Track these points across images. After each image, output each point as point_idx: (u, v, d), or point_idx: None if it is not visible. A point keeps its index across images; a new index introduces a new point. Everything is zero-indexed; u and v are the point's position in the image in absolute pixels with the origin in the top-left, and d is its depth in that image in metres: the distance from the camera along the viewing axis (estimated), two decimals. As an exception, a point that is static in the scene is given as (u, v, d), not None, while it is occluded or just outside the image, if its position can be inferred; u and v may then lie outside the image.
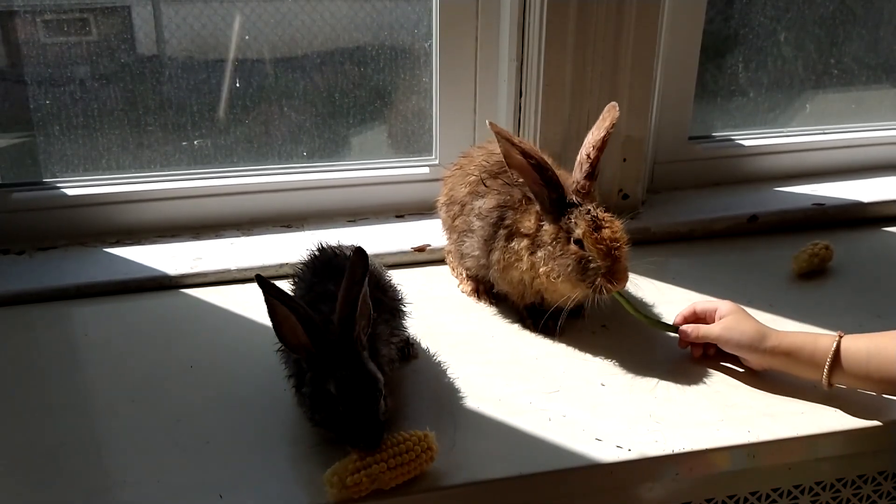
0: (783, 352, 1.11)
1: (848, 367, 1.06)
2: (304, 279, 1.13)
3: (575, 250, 1.17)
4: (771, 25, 1.84)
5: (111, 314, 1.34)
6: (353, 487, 0.92)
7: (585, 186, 1.21)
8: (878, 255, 1.59)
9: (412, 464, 0.94)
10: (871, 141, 1.91)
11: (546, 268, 1.20)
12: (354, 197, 1.65)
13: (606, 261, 1.16)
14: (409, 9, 1.60)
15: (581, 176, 1.21)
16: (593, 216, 1.17)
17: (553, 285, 1.21)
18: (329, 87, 1.63)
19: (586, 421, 1.08)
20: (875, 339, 1.07)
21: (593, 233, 1.16)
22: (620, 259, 1.17)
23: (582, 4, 1.44)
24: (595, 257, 1.16)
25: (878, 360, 1.05)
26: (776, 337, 1.12)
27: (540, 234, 1.21)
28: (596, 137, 1.22)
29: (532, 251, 1.22)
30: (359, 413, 0.93)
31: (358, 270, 0.96)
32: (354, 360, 0.95)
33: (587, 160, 1.21)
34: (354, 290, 0.95)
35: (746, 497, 1.12)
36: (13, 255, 1.48)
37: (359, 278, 0.95)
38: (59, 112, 1.52)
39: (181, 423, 1.07)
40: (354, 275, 0.96)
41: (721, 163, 1.81)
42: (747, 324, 1.15)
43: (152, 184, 1.56)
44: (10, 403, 1.12)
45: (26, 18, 1.46)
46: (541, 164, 1.18)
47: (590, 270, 1.17)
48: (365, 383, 0.94)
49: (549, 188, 1.19)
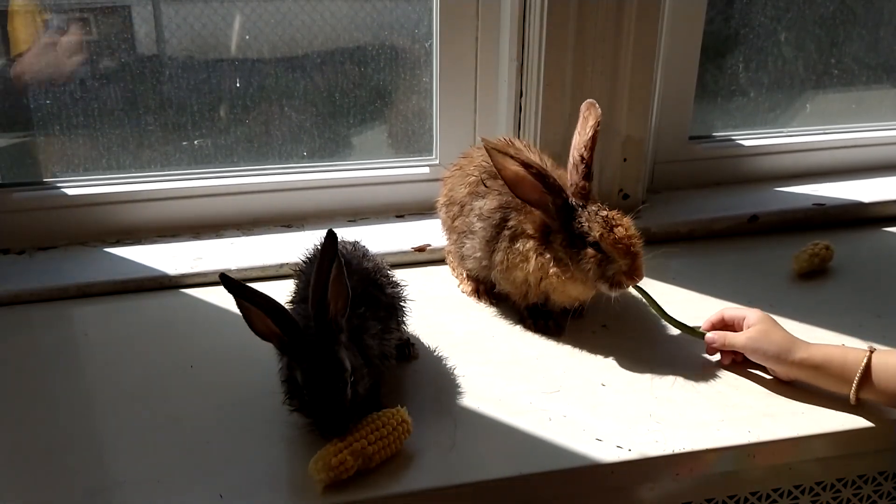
0: (812, 365, 1.09)
1: (878, 382, 1.05)
2: (305, 273, 1.14)
3: (593, 254, 1.17)
4: (771, 25, 1.84)
5: (111, 314, 1.34)
6: (340, 467, 0.94)
7: (585, 188, 1.21)
8: (878, 255, 1.59)
9: (391, 436, 0.98)
10: (872, 141, 1.91)
11: (556, 269, 1.20)
12: (354, 197, 1.65)
13: (627, 259, 1.16)
14: (409, 9, 1.60)
15: (579, 178, 1.21)
16: (604, 217, 1.17)
17: (563, 286, 1.21)
18: (329, 86, 1.63)
19: (586, 421, 1.08)
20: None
21: (609, 234, 1.16)
22: (639, 255, 1.17)
23: (582, 4, 1.44)
24: (616, 257, 1.16)
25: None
26: (805, 349, 1.10)
27: (550, 242, 1.21)
28: (584, 138, 1.22)
29: (540, 252, 1.22)
30: (324, 401, 0.95)
31: (327, 254, 0.96)
32: (323, 347, 0.96)
33: (581, 161, 1.21)
34: (323, 273, 0.96)
35: (746, 497, 1.12)
36: (13, 255, 1.48)
37: (327, 262, 0.96)
38: (59, 112, 1.52)
39: (181, 423, 1.07)
40: (323, 259, 0.96)
41: (721, 163, 1.81)
42: (776, 334, 1.13)
43: (152, 184, 1.56)
44: (10, 403, 1.12)
45: (26, 18, 1.45)
46: (540, 172, 1.17)
47: (609, 270, 1.17)
48: (330, 372, 0.95)
49: (553, 194, 1.18)
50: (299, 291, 1.13)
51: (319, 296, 0.96)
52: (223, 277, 0.95)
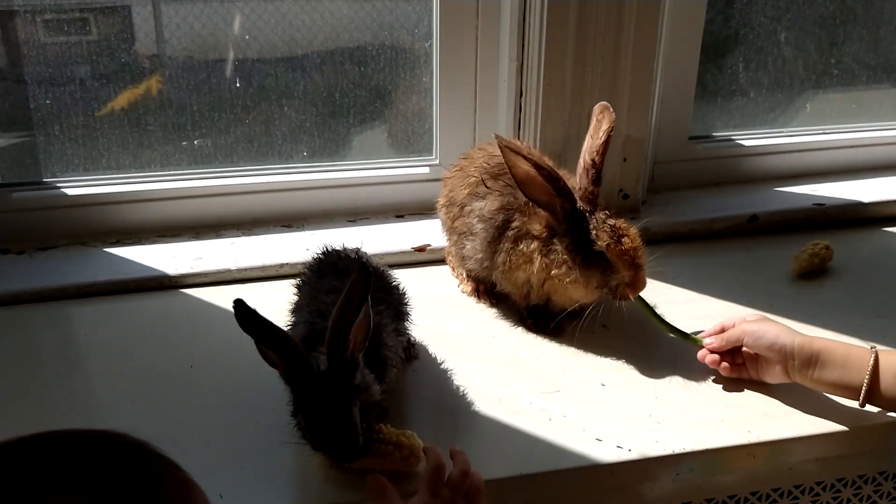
0: (812, 351, 1.05)
1: (886, 388, 1.02)
2: (308, 283, 1.12)
3: (597, 262, 1.17)
4: (771, 25, 1.84)
5: (111, 314, 1.34)
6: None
7: (594, 192, 1.20)
8: (878, 255, 1.59)
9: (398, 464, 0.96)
10: (872, 141, 1.91)
11: (559, 271, 1.20)
12: (355, 197, 1.65)
13: (631, 271, 1.16)
14: (409, 9, 1.60)
15: (588, 183, 1.20)
16: (612, 226, 1.17)
17: (565, 288, 1.21)
18: (329, 86, 1.63)
19: (586, 421, 1.08)
20: None
21: (617, 244, 1.16)
22: (643, 267, 1.17)
23: (582, 4, 1.44)
24: (620, 268, 1.16)
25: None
26: (806, 337, 1.08)
27: (553, 245, 1.20)
28: (597, 142, 1.21)
29: (544, 254, 1.21)
30: (328, 450, 0.92)
31: (356, 294, 0.87)
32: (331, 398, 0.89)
33: (593, 166, 1.20)
34: (350, 315, 0.87)
35: (746, 497, 1.12)
36: (13, 255, 1.48)
37: (356, 303, 0.87)
38: (59, 112, 1.51)
39: (181, 423, 1.07)
40: (352, 297, 0.87)
41: (721, 163, 1.81)
42: (775, 324, 1.12)
43: (152, 184, 1.56)
44: (10, 403, 1.12)
45: (26, 18, 1.46)
46: (552, 174, 1.16)
47: (613, 280, 1.17)
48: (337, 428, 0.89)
49: (563, 198, 1.18)
50: (301, 304, 1.10)
51: (338, 336, 0.87)
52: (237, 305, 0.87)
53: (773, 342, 1.08)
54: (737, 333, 1.13)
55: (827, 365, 1.05)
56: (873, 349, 1.05)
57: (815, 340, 1.07)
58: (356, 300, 0.87)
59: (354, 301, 0.87)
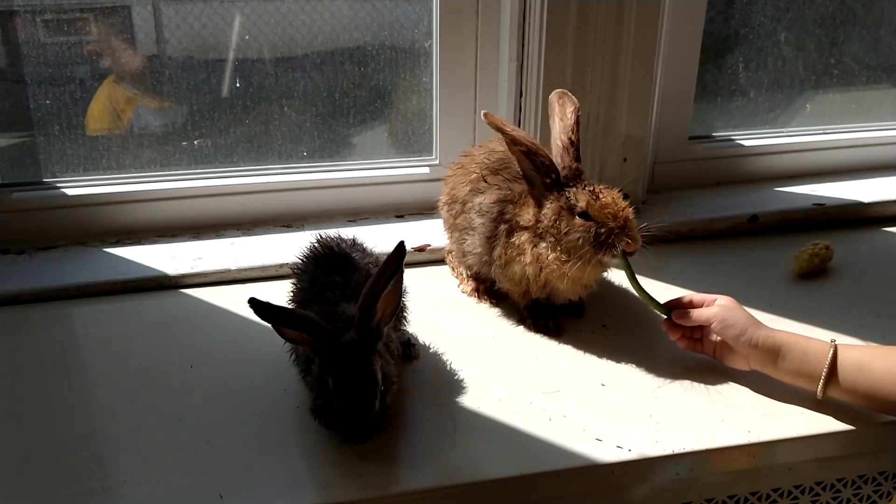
0: (773, 344, 1.09)
1: (844, 380, 1.05)
2: (306, 271, 1.15)
3: (581, 223, 1.18)
4: (771, 25, 1.84)
5: (111, 314, 1.34)
6: None
7: (576, 168, 1.22)
8: (878, 255, 1.59)
9: None
10: (871, 141, 1.91)
11: (555, 254, 1.20)
12: (354, 197, 1.65)
13: (617, 221, 1.17)
14: (409, 9, 1.60)
15: (570, 160, 1.22)
16: (590, 189, 1.19)
17: (562, 270, 1.20)
18: (329, 86, 1.63)
19: (586, 421, 1.08)
20: (867, 351, 1.07)
21: (596, 201, 1.18)
22: (630, 219, 1.18)
23: (582, 4, 1.44)
24: (605, 221, 1.17)
25: (865, 374, 1.04)
26: (769, 329, 1.12)
27: (541, 220, 1.21)
28: (569, 122, 1.24)
29: (535, 243, 1.22)
30: (352, 411, 0.96)
31: (391, 267, 0.96)
32: (358, 358, 0.96)
33: (571, 144, 1.22)
34: (381, 285, 0.96)
35: (746, 497, 1.12)
36: (13, 255, 1.48)
37: (390, 273, 0.96)
38: (59, 112, 1.52)
39: (181, 423, 1.07)
40: (387, 268, 0.96)
41: (721, 163, 1.81)
42: (743, 312, 1.14)
43: (152, 184, 1.56)
44: (10, 403, 1.12)
45: (26, 18, 1.46)
46: (531, 149, 1.19)
47: (602, 237, 1.17)
48: (362, 384, 0.96)
49: (543, 174, 1.20)
50: (301, 291, 1.13)
51: (369, 302, 0.96)
52: (252, 303, 0.94)
53: (739, 334, 1.11)
54: (706, 315, 1.15)
55: (787, 356, 1.09)
56: (833, 342, 1.08)
57: (777, 333, 1.11)
58: (389, 271, 0.96)
59: (388, 272, 0.96)
